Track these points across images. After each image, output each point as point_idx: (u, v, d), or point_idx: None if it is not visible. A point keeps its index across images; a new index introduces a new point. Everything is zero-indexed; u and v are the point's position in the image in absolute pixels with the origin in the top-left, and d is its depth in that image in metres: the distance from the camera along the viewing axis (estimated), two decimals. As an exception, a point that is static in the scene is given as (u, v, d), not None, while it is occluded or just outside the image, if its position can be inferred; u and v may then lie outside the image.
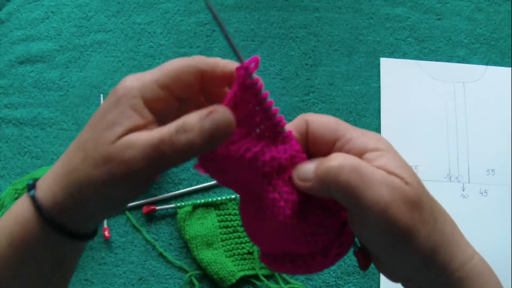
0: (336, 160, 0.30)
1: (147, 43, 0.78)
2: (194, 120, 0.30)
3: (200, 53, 0.77)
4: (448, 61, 0.78)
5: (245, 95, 0.31)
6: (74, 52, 0.78)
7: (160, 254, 0.67)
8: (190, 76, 0.33)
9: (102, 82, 0.76)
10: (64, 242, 0.33)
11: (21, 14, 0.80)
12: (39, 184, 0.33)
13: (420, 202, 0.30)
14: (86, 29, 0.79)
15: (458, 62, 0.78)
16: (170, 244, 0.67)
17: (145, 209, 0.67)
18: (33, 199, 0.32)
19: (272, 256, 0.36)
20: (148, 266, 0.66)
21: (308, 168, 0.32)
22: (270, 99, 0.32)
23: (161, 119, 0.32)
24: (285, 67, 0.77)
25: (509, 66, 0.78)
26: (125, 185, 0.31)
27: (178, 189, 0.70)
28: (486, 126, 0.74)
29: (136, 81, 0.31)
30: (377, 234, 0.30)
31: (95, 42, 0.78)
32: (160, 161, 0.30)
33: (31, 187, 0.33)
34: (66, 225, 0.32)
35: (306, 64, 0.77)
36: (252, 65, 0.31)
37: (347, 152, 0.31)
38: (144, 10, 0.80)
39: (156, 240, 0.67)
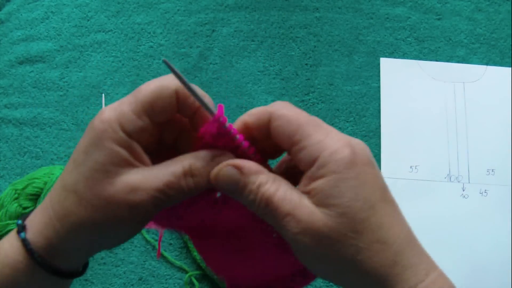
0: (248, 193, 0.31)
1: (147, 43, 0.78)
2: (201, 165, 0.31)
3: (200, 53, 0.77)
4: (448, 61, 0.78)
5: (221, 142, 0.32)
6: (74, 52, 0.78)
7: (160, 254, 0.67)
8: (166, 98, 0.31)
9: (102, 82, 0.76)
10: (56, 281, 0.32)
11: (21, 14, 0.80)
12: (29, 225, 0.32)
13: (334, 235, 0.29)
14: (86, 29, 0.79)
15: (458, 62, 0.78)
16: (170, 244, 0.67)
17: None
18: (24, 242, 0.31)
19: (244, 286, 0.37)
20: (148, 266, 0.66)
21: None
22: (244, 141, 0.33)
23: (146, 147, 0.32)
24: (285, 67, 0.77)
25: (509, 66, 0.78)
26: (130, 226, 0.31)
27: (178, 189, 0.70)
28: (486, 126, 0.74)
29: (114, 114, 0.30)
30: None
31: (95, 42, 0.78)
32: (166, 203, 0.31)
33: (21, 228, 0.32)
34: (60, 267, 0.32)
35: (306, 64, 0.77)
36: (221, 118, 0.31)
37: (300, 160, 0.31)
38: (144, 10, 0.80)
39: (156, 240, 0.67)
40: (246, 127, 0.33)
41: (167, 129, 0.34)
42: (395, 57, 0.78)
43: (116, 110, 0.31)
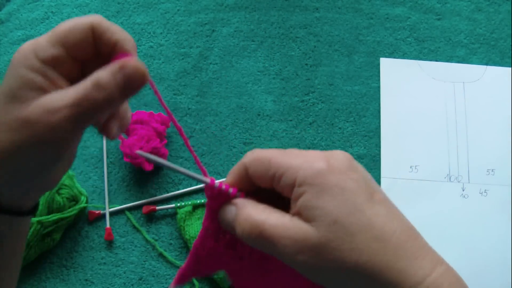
0: (241, 227, 0.32)
1: (147, 43, 0.78)
2: (107, 77, 0.31)
3: (200, 53, 0.77)
4: (448, 61, 0.78)
5: (219, 202, 0.34)
6: (74, 52, 0.78)
7: (160, 254, 0.67)
8: (80, 32, 0.32)
9: (102, 82, 0.76)
10: (3, 220, 0.34)
11: (21, 14, 0.80)
12: None
13: (331, 245, 0.30)
14: (86, 29, 0.79)
15: (458, 62, 0.78)
16: (170, 244, 0.67)
17: (145, 209, 0.67)
18: None
19: None
20: (148, 266, 0.66)
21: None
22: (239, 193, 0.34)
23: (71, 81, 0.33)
24: (285, 67, 0.77)
25: (509, 66, 0.78)
26: (51, 147, 0.32)
27: (178, 189, 0.70)
28: (486, 126, 0.74)
29: (29, 44, 0.32)
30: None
31: (95, 42, 0.78)
32: (83, 118, 0.31)
33: None
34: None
35: (306, 64, 0.77)
36: (217, 184, 0.33)
37: (282, 189, 0.32)
38: (144, 10, 0.80)
39: (156, 240, 0.67)
40: (236, 183, 0.35)
41: (90, 68, 0.34)
42: (395, 57, 0.78)
43: (32, 42, 0.32)
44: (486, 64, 0.78)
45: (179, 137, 0.73)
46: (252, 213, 0.32)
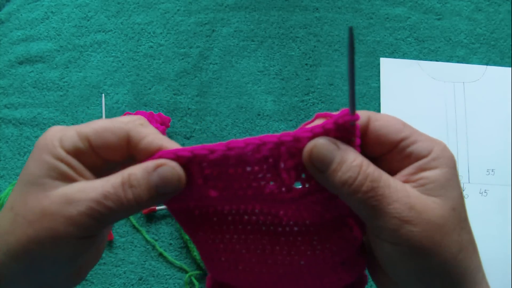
0: (348, 174, 0.28)
1: (147, 43, 0.78)
2: (140, 174, 0.29)
3: (200, 53, 0.77)
4: (448, 61, 0.78)
5: (343, 136, 0.29)
6: (74, 52, 0.78)
7: (160, 254, 0.67)
8: (113, 136, 0.30)
9: (102, 82, 0.76)
10: None
11: (21, 14, 0.80)
12: None
13: (445, 228, 0.29)
14: (86, 29, 0.79)
15: (458, 62, 0.78)
16: (170, 244, 0.67)
17: (145, 209, 0.67)
18: None
19: None
20: (148, 266, 0.66)
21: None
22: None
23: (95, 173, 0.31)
24: (285, 67, 0.77)
25: (509, 66, 0.78)
26: (69, 242, 0.29)
27: (178, 189, 0.70)
28: (486, 126, 0.74)
29: (57, 131, 0.30)
30: (392, 250, 0.29)
31: (95, 42, 0.78)
32: (106, 216, 0.29)
33: None
34: None
35: (306, 64, 0.77)
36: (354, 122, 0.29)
37: (409, 154, 0.30)
38: (144, 10, 0.80)
39: (156, 240, 0.67)
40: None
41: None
42: (395, 57, 0.78)
43: (61, 129, 0.30)
44: (486, 64, 0.78)
45: (179, 137, 0.73)
46: (365, 162, 0.28)
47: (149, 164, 0.29)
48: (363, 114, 0.31)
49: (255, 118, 0.74)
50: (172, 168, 0.29)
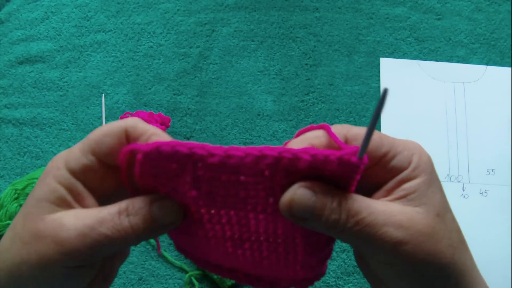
0: (331, 217, 0.28)
1: (147, 43, 0.78)
2: (138, 204, 0.29)
3: (200, 53, 0.77)
4: (448, 61, 0.78)
5: (342, 172, 0.29)
6: (74, 52, 0.78)
7: (160, 254, 0.67)
8: (113, 139, 0.30)
9: (102, 82, 0.76)
10: None
11: (21, 14, 0.80)
12: None
13: (435, 236, 0.29)
14: (86, 29, 0.79)
15: (458, 62, 0.78)
16: (170, 244, 0.67)
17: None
18: None
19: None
20: (148, 266, 0.66)
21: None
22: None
23: (99, 195, 0.30)
24: (285, 67, 0.77)
25: (509, 66, 0.78)
26: (59, 267, 0.28)
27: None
28: (486, 126, 0.74)
29: (63, 153, 0.30)
30: (387, 267, 0.30)
31: (95, 42, 0.78)
32: (99, 243, 0.28)
33: None
34: None
35: (306, 64, 0.77)
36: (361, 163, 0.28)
37: (392, 168, 0.30)
38: (144, 10, 0.80)
39: (156, 240, 0.67)
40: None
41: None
42: (395, 57, 0.78)
43: (66, 151, 0.30)
44: (486, 64, 0.78)
45: (179, 137, 0.73)
46: (343, 199, 0.28)
47: (150, 196, 0.29)
48: (339, 132, 0.31)
49: (255, 118, 0.74)
50: (172, 202, 0.29)
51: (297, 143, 0.30)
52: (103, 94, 0.75)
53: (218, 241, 0.32)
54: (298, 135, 0.32)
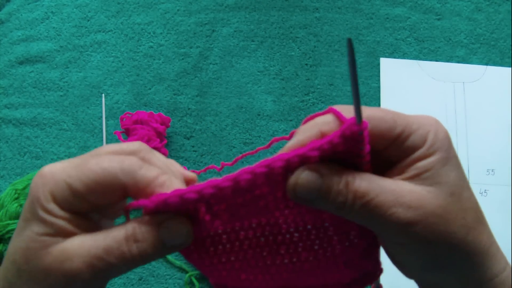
0: (338, 198, 0.28)
1: (147, 43, 0.78)
2: (145, 228, 0.28)
3: (200, 53, 0.77)
4: (448, 61, 0.78)
5: (352, 147, 0.28)
6: (74, 52, 0.78)
7: (160, 254, 0.67)
8: (107, 192, 0.28)
9: (102, 82, 0.76)
10: None
11: (21, 14, 0.80)
12: None
13: (447, 216, 0.28)
14: (86, 29, 0.79)
15: (458, 62, 0.78)
16: (170, 244, 0.67)
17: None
18: None
19: None
20: (148, 266, 0.66)
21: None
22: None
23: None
24: (285, 67, 0.77)
25: (509, 66, 0.78)
26: None
27: (178, 189, 0.70)
28: (486, 126, 0.74)
29: (49, 181, 0.28)
30: (404, 249, 0.29)
31: (95, 42, 0.78)
32: (107, 272, 0.28)
33: None
34: None
35: (306, 64, 0.77)
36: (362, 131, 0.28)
37: (407, 148, 0.29)
38: (144, 10, 0.80)
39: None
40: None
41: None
42: (395, 57, 0.78)
43: (51, 177, 0.28)
44: (486, 64, 0.78)
45: (179, 137, 0.73)
46: (350, 179, 0.28)
47: (155, 217, 0.28)
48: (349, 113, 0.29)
49: (255, 118, 0.74)
50: (180, 221, 0.28)
51: (306, 131, 0.30)
52: (103, 94, 0.75)
53: (255, 253, 0.32)
54: (305, 123, 0.31)
